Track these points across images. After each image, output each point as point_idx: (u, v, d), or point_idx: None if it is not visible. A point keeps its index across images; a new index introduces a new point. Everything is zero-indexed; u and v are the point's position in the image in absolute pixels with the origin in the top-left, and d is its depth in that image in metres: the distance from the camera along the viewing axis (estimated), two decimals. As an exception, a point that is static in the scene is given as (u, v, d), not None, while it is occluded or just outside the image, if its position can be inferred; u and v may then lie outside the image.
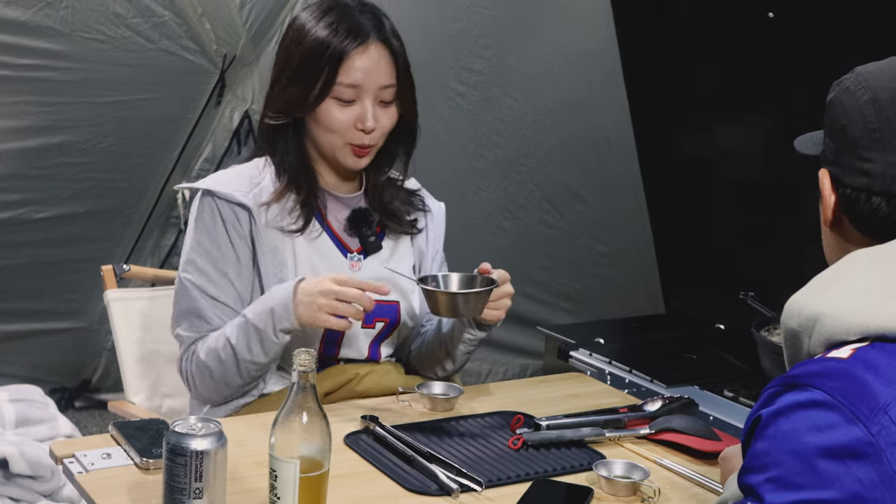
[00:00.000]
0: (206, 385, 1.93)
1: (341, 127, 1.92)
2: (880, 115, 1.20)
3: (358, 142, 1.94)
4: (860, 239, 1.23)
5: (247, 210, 1.93)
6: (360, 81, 1.90)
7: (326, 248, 1.99)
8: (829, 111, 1.27)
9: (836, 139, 1.24)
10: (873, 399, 1.05)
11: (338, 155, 1.96)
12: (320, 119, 1.93)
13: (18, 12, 2.91)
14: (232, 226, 1.94)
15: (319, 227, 1.99)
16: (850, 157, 1.22)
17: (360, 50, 1.90)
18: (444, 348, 2.04)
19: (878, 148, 1.19)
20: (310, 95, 1.90)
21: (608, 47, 3.82)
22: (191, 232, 1.97)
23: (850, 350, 1.10)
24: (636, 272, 4.13)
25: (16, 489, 2.52)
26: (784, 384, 1.10)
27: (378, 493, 1.57)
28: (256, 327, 1.86)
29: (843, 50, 2.86)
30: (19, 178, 3.20)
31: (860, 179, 1.21)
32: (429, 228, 2.13)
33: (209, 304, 1.93)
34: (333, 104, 1.91)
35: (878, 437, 1.03)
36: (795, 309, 1.17)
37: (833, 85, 1.27)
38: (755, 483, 1.09)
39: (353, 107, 1.92)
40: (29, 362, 3.56)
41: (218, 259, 1.93)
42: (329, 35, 1.90)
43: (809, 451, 1.04)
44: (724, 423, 2.06)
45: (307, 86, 1.90)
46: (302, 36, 1.92)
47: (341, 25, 1.90)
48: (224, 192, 1.94)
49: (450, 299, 1.81)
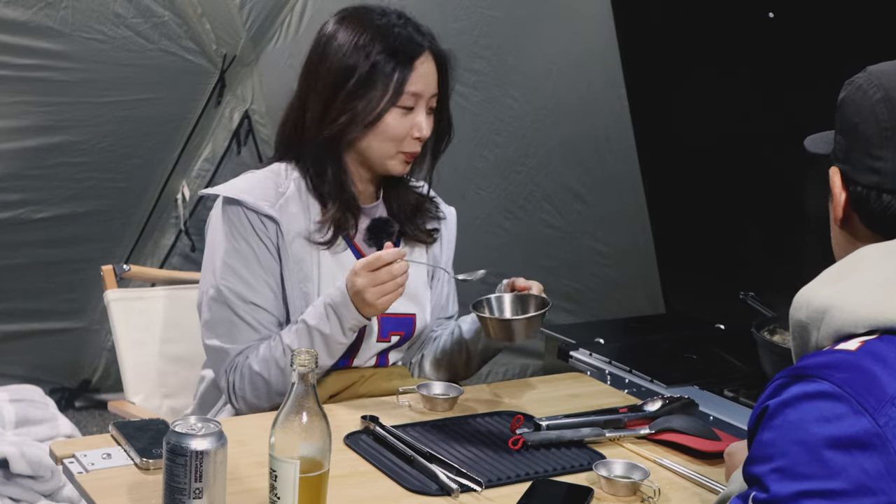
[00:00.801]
0: (258, 394, 1.90)
1: (400, 136, 1.93)
2: (892, 114, 1.20)
3: (411, 149, 1.95)
4: (869, 236, 1.23)
5: (275, 222, 1.91)
6: (422, 90, 1.92)
7: (347, 261, 1.97)
8: (840, 109, 1.28)
9: (848, 137, 1.25)
10: (881, 391, 1.05)
11: (387, 163, 1.96)
12: (380, 129, 1.92)
13: (18, 12, 2.91)
14: (262, 235, 1.92)
15: (343, 240, 1.98)
16: (861, 155, 1.23)
17: (423, 59, 1.92)
18: (464, 356, 2.06)
19: (890, 146, 1.20)
20: (379, 105, 1.90)
21: (608, 47, 3.82)
22: (219, 238, 1.93)
23: (858, 342, 1.10)
24: (636, 272, 4.13)
25: (16, 489, 2.52)
26: (792, 375, 1.10)
27: (378, 493, 1.57)
28: (321, 332, 1.85)
29: (842, 50, 2.86)
30: (19, 178, 3.20)
31: (871, 177, 1.21)
32: (443, 235, 2.14)
33: (250, 309, 1.90)
34: (397, 113, 1.92)
35: (886, 429, 1.03)
36: (804, 301, 1.17)
37: (845, 84, 1.28)
38: (761, 473, 1.09)
39: (410, 115, 1.93)
40: (29, 362, 3.56)
41: (255, 264, 1.91)
42: (395, 44, 1.90)
43: (816, 441, 1.05)
44: (724, 423, 2.06)
45: (376, 96, 1.90)
46: (359, 48, 1.90)
47: (402, 35, 1.91)
48: (251, 202, 1.91)
49: (507, 326, 1.85)
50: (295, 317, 1.92)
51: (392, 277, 1.81)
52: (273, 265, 1.92)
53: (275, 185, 1.96)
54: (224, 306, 1.91)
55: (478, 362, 2.08)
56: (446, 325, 2.15)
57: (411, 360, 2.12)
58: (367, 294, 1.80)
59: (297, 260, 1.93)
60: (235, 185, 1.97)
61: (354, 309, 1.83)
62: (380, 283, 1.80)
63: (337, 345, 1.87)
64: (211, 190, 2.00)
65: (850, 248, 1.24)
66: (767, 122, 3.42)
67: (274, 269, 1.92)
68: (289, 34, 3.34)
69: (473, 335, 2.05)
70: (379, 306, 1.83)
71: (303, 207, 1.95)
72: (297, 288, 1.92)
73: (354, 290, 1.82)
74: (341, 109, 1.91)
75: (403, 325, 2.02)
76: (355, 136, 1.93)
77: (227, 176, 3.48)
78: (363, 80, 1.90)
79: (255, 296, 1.91)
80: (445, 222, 2.15)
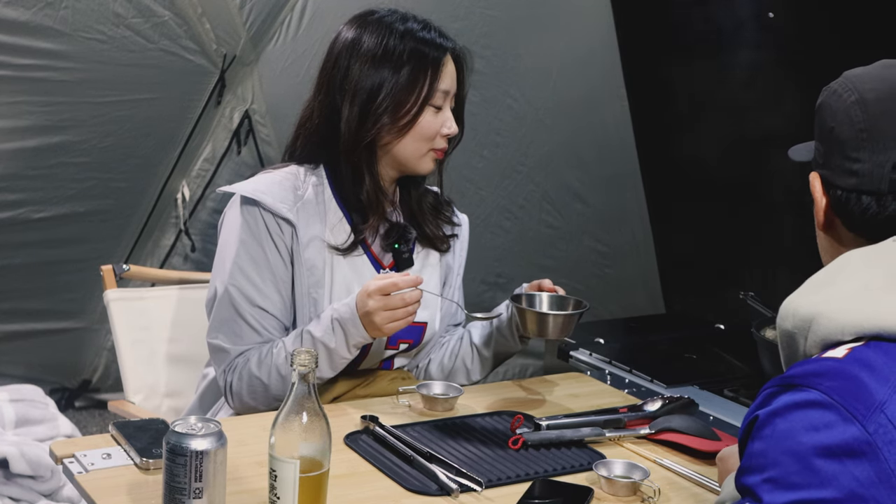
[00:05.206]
0: (255, 397, 1.90)
1: (434, 133, 1.95)
2: (867, 116, 1.21)
3: (441, 147, 1.97)
4: (853, 240, 1.24)
5: (291, 225, 1.91)
6: (449, 87, 1.96)
7: (362, 266, 1.98)
8: (818, 115, 1.29)
9: (825, 142, 1.26)
10: (869, 398, 1.05)
11: (419, 162, 1.97)
12: (416, 129, 1.93)
13: (18, 12, 2.91)
14: (276, 238, 1.91)
15: (359, 246, 1.98)
16: (839, 158, 1.23)
17: (447, 58, 1.96)
18: (472, 362, 2.08)
19: (866, 148, 1.21)
20: (416, 106, 1.92)
21: (608, 47, 3.82)
22: (233, 239, 1.92)
23: (845, 350, 1.10)
24: (636, 272, 4.13)
25: (16, 489, 2.52)
26: (780, 384, 1.10)
27: (378, 493, 1.57)
28: (326, 345, 1.85)
29: (842, 50, 2.86)
30: (19, 178, 3.20)
31: (849, 180, 1.22)
32: (456, 242, 2.14)
33: (256, 313, 1.90)
34: (430, 112, 1.94)
35: (875, 436, 1.03)
36: (791, 310, 1.18)
37: (822, 90, 1.29)
38: (753, 483, 1.09)
39: (440, 114, 1.95)
40: (29, 362, 3.56)
41: (265, 268, 1.91)
42: (425, 46, 1.92)
43: (806, 450, 1.04)
44: (724, 423, 2.06)
45: (412, 97, 1.91)
46: (390, 51, 1.91)
47: (428, 37, 1.94)
48: (270, 203, 1.90)
49: (545, 320, 1.89)
50: (302, 322, 1.92)
51: (404, 304, 1.81)
52: (284, 270, 1.92)
53: (293, 188, 1.95)
54: (230, 307, 1.91)
55: (488, 368, 2.10)
56: (454, 332, 2.16)
57: (417, 364, 2.12)
58: (377, 318, 1.80)
59: (310, 265, 1.92)
60: (254, 184, 1.96)
61: (362, 327, 1.82)
62: (391, 308, 1.80)
63: (340, 359, 1.87)
64: (229, 188, 1.99)
65: (836, 252, 1.24)
66: (767, 121, 3.42)
67: (284, 273, 1.92)
68: (289, 34, 3.34)
69: (484, 340, 2.06)
70: (386, 331, 1.83)
71: (319, 212, 1.95)
72: (307, 293, 1.92)
73: (365, 310, 1.81)
74: (380, 113, 1.91)
75: (413, 333, 2.02)
76: (390, 139, 1.94)
77: (226, 176, 3.50)
78: (400, 83, 1.91)
79: (262, 300, 1.91)
80: (459, 229, 2.15)
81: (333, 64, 1.96)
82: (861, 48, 2.14)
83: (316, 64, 2.04)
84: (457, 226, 2.14)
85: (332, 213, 1.96)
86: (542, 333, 1.90)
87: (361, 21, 1.97)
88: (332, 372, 1.90)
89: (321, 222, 1.94)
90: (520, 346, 2.06)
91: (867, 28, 3.01)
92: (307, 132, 1.99)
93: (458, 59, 1.99)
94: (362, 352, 1.94)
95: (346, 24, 1.99)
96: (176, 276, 2.45)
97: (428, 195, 2.10)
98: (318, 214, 1.95)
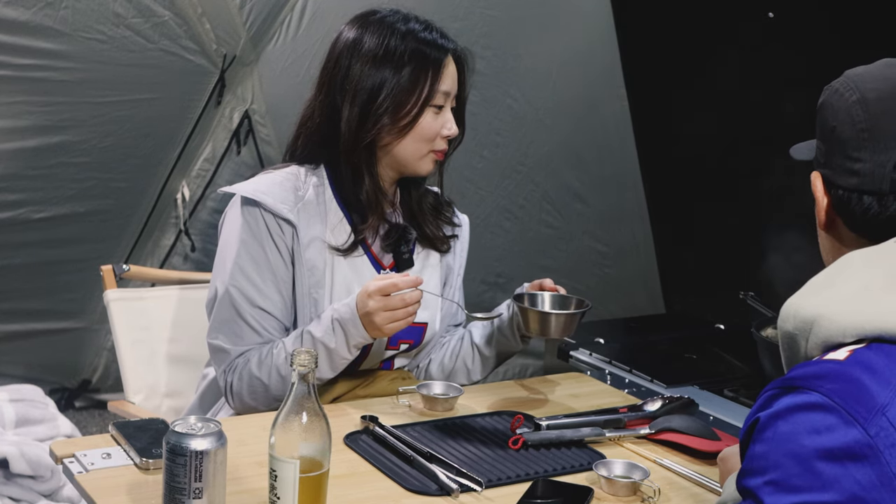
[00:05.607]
0: (255, 397, 1.90)
1: (434, 135, 1.95)
2: (868, 115, 1.21)
3: (441, 148, 1.97)
4: (854, 240, 1.24)
5: (292, 226, 1.91)
6: (450, 88, 1.96)
7: (363, 266, 1.98)
8: (819, 114, 1.29)
9: (827, 141, 1.26)
10: (871, 400, 1.05)
11: (419, 163, 1.97)
12: (416, 130, 1.93)
13: (18, 12, 2.91)
14: (277, 238, 1.91)
15: (360, 246, 1.98)
16: (840, 157, 1.23)
17: (449, 59, 1.96)
18: (476, 359, 2.08)
19: (867, 147, 1.20)
20: (416, 107, 1.92)
21: (608, 47, 3.82)
22: (233, 239, 1.92)
23: (847, 352, 1.10)
24: (636, 272, 4.13)
25: (16, 489, 2.52)
26: (782, 387, 1.10)
27: (378, 493, 1.57)
28: (326, 345, 1.85)
29: (842, 50, 2.86)
30: (19, 178, 3.20)
31: (850, 180, 1.22)
32: (456, 243, 2.14)
33: (256, 313, 1.90)
34: (430, 113, 1.94)
35: (877, 439, 1.03)
36: (791, 312, 1.17)
37: (824, 89, 1.29)
38: (754, 486, 1.08)
39: (440, 115, 1.95)
40: (29, 362, 3.56)
41: (266, 269, 1.91)
42: (426, 46, 1.93)
43: (808, 453, 1.04)
44: (724, 423, 2.06)
45: (413, 98, 1.91)
46: (391, 52, 1.91)
47: (429, 38, 1.94)
48: (271, 204, 1.90)
49: (547, 319, 1.89)
50: (302, 322, 1.92)
51: (404, 305, 1.81)
52: (284, 270, 1.92)
53: (294, 189, 1.95)
54: (231, 308, 1.91)
55: (489, 367, 2.10)
56: (454, 332, 2.16)
57: (418, 365, 2.12)
58: (377, 318, 1.80)
59: (310, 266, 1.92)
60: (255, 185, 1.96)
61: (363, 328, 1.82)
62: (391, 309, 1.80)
63: (341, 359, 1.87)
64: (230, 188, 1.98)
65: (837, 252, 1.24)
66: (767, 121, 3.42)
67: (285, 274, 1.92)
68: (289, 34, 3.34)
69: (486, 340, 2.06)
70: (386, 332, 1.83)
71: (320, 213, 1.95)
72: (308, 294, 1.92)
73: (365, 311, 1.81)
74: (381, 114, 1.91)
75: (413, 334, 2.02)
76: (390, 140, 1.94)
77: (226, 176, 3.50)
78: (401, 84, 1.91)
79: (263, 300, 1.91)
80: (460, 230, 2.15)
81: (334, 64, 1.96)
82: (861, 48, 2.13)
83: (316, 64, 2.04)
84: (457, 226, 2.14)
85: (332, 214, 1.96)
86: (545, 333, 1.89)
87: (363, 21, 1.97)
88: (333, 372, 1.90)
89: (322, 223, 1.94)
90: (521, 345, 2.06)
91: (867, 28, 3.01)
92: (308, 132, 1.99)
93: (460, 61, 1.99)
94: (362, 352, 1.94)
95: (348, 23, 1.99)
96: (176, 276, 2.45)
97: (428, 196, 2.10)
98: (319, 215, 1.95)
